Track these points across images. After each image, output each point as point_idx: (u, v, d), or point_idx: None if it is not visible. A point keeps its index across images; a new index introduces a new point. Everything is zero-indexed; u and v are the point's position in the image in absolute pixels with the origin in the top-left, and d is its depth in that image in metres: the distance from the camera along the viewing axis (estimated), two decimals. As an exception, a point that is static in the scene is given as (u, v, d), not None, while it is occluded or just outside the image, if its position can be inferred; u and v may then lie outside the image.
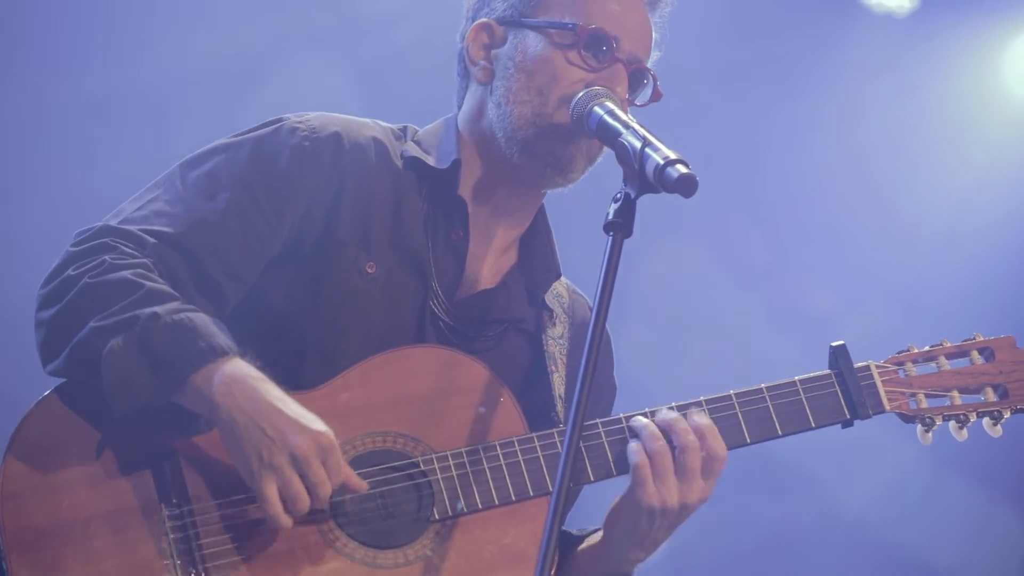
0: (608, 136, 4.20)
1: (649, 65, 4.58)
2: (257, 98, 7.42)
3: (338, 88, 7.53)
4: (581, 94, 4.35)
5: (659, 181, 3.90)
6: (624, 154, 4.05)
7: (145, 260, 4.22)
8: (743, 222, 8.08)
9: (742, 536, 7.70)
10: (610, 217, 3.93)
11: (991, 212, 8.18)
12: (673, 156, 3.91)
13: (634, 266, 7.56)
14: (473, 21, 4.61)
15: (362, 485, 4.14)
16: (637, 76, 4.53)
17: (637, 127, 4.10)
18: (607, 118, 4.24)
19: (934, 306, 7.72)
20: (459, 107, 4.67)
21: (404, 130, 4.66)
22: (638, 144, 4.01)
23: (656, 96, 4.56)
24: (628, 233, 3.92)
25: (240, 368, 4.12)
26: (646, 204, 3.96)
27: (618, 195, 3.95)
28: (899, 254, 8.10)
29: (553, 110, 4.44)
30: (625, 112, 4.26)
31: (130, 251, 4.23)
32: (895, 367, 4.46)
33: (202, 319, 4.13)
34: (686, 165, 3.88)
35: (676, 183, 3.87)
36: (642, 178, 3.95)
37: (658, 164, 3.91)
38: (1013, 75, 8.30)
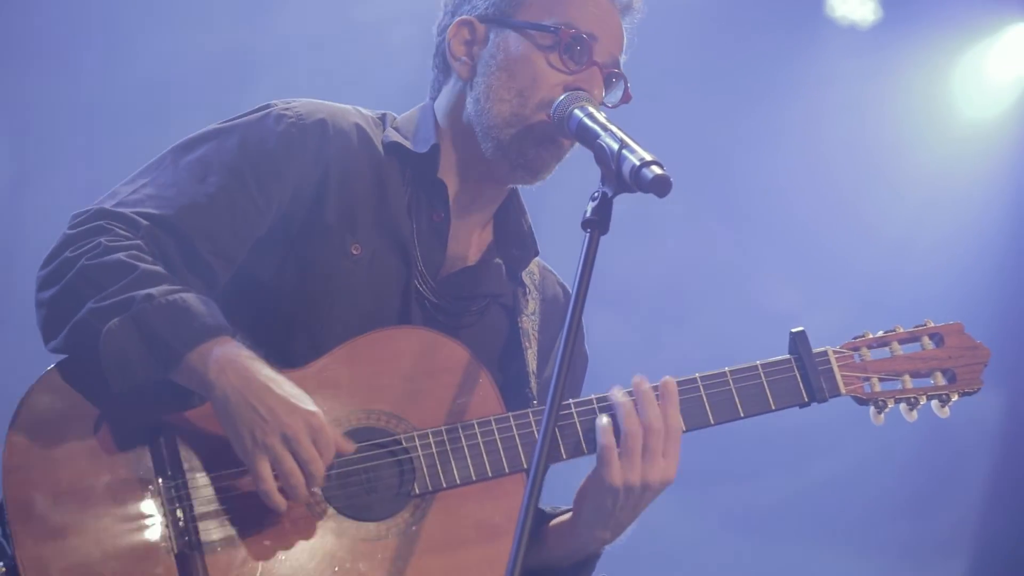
0: (587, 138, 4.16)
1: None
2: (252, 95, 7.36)
3: (330, 86, 7.45)
4: (563, 97, 4.32)
5: (635, 181, 3.88)
6: (602, 155, 4.02)
7: (138, 242, 4.19)
8: (712, 221, 8.06)
9: (708, 516, 7.68)
10: (588, 215, 3.90)
11: (943, 218, 8.19)
12: (648, 158, 3.89)
13: (611, 260, 7.55)
14: (454, 16, 4.57)
15: (350, 447, 4.12)
16: (611, 79, 4.49)
17: (615, 130, 4.08)
18: (587, 120, 4.20)
19: (889, 302, 7.74)
20: (432, 97, 4.64)
21: (383, 117, 4.63)
22: (616, 146, 3.98)
23: (626, 98, 4.52)
24: (604, 230, 3.89)
25: (233, 347, 4.10)
26: (623, 203, 3.94)
27: (595, 194, 3.93)
28: (857, 254, 8.10)
29: (531, 112, 4.42)
30: (603, 117, 4.21)
31: (124, 233, 4.20)
32: (851, 352, 4.44)
33: (195, 299, 4.10)
34: (660, 166, 3.87)
35: (651, 183, 3.85)
36: (619, 178, 3.93)
37: (634, 165, 3.89)
38: (961, 93, 8.30)
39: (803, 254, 8.11)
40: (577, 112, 4.25)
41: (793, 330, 4.43)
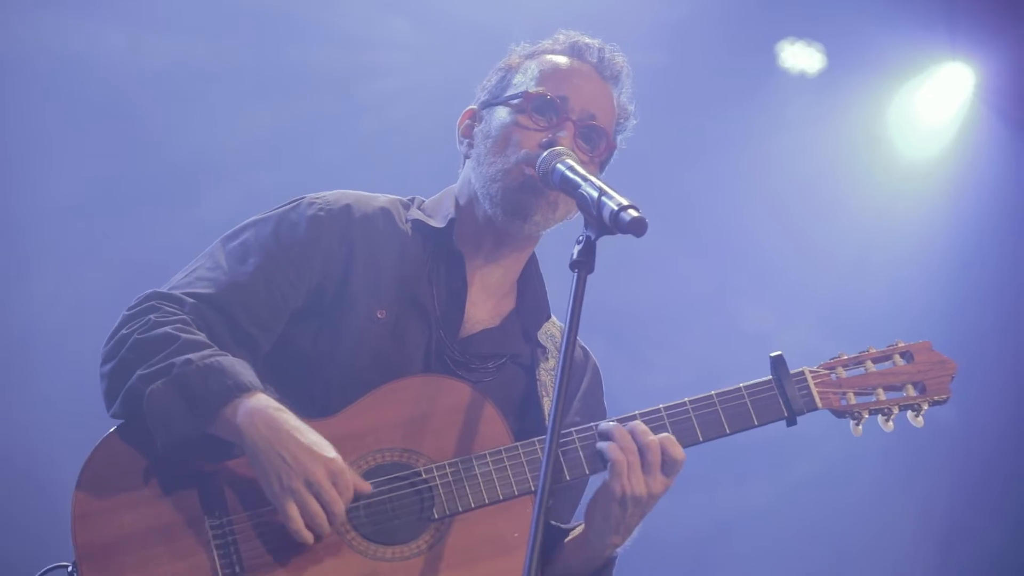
0: (569, 188, 4.16)
1: (625, 130, 4.64)
2: (269, 179, 7.30)
3: (341, 165, 7.39)
4: (545, 154, 4.32)
5: (615, 224, 3.87)
6: (584, 203, 4.02)
7: (184, 316, 4.29)
8: (687, 255, 8.02)
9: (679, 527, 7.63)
10: (575, 257, 3.89)
11: (890, 243, 8.16)
12: (625, 203, 3.88)
13: (602, 296, 7.50)
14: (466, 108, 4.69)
15: (367, 486, 4.16)
16: (590, 133, 4.51)
17: (594, 179, 4.07)
18: (568, 173, 4.19)
19: (850, 318, 7.68)
20: (458, 179, 4.68)
21: (412, 200, 4.68)
22: (595, 194, 3.97)
23: (609, 147, 4.55)
24: (590, 270, 3.89)
25: (262, 401, 4.15)
26: (606, 245, 3.94)
27: (580, 237, 3.92)
28: (818, 278, 8.05)
29: (513, 165, 4.45)
30: (584, 167, 4.22)
31: (171, 310, 4.30)
32: (827, 371, 4.41)
33: (230, 361, 4.19)
34: (637, 209, 3.86)
35: (629, 225, 3.84)
36: (600, 222, 3.91)
37: (613, 210, 3.88)
38: (897, 132, 8.25)
39: (770, 280, 8.05)
40: (559, 166, 4.24)
41: (772, 354, 4.41)
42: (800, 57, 8.16)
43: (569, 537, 4.43)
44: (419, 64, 7.63)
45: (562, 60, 4.60)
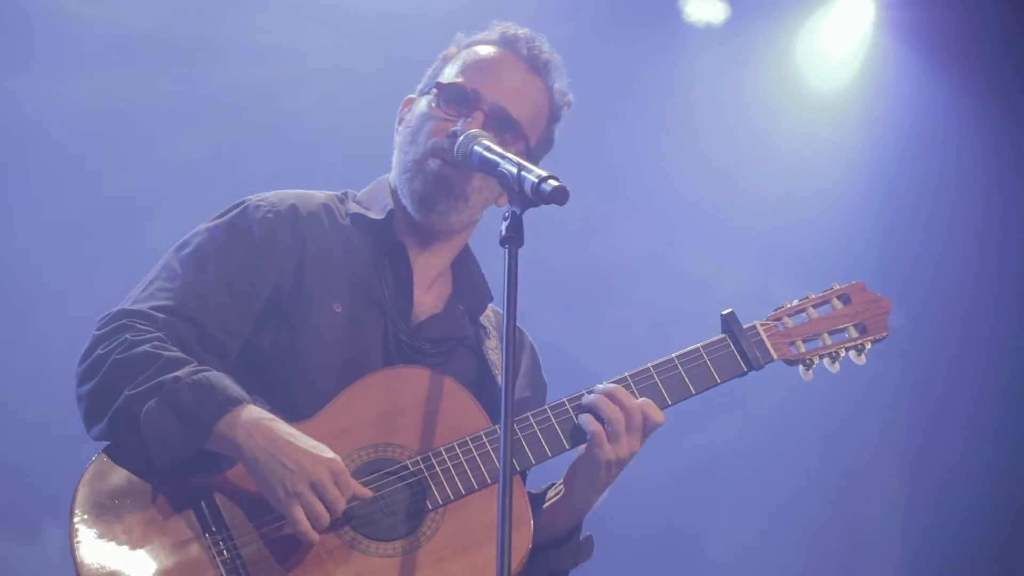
0: (489, 167, 4.08)
1: (559, 119, 4.59)
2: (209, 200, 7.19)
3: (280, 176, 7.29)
4: (462, 137, 4.23)
5: (537, 196, 3.81)
6: (505, 180, 3.96)
7: (159, 333, 4.19)
8: (623, 216, 7.97)
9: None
10: (503, 233, 3.82)
11: (813, 178, 8.12)
12: (544, 174, 3.82)
13: (545, 266, 7.50)
14: None
15: (367, 492, 4.10)
16: (500, 122, 4.44)
17: (512, 156, 4.01)
18: (485, 153, 4.11)
19: (783, 256, 7.58)
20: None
21: (345, 194, 4.60)
22: (515, 170, 3.91)
23: (521, 139, 4.47)
24: (520, 243, 3.81)
25: (254, 412, 4.09)
26: (546, 215, 3.94)
27: (506, 214, 3.84)
28: (751, 221, 7.98)
29: (421, 156, 4.42)
30: (501, 148, 4.15)
31: (145, 327, 4.19)
32: (775, 323, 4.37)
33: (216, 376, 4.12)
34: (556, 179, 3.79)
35: (551, 195, 3.77)
36: (523, 196, 3.85)
37: (534, 182, 3.81)
38: (806, 66, 8.19)
39: (705, 228, 7.98)
40: (476, 148, 4.15)
41: (723, 312, 4.37)
42: (704, 9, 8.09)
43: (547, 504, 4.39)
44: (342, 68, 7.52)
45: (488, 51, 4.53)
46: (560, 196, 3.77)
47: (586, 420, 4.23)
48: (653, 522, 7.78)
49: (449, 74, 4.49)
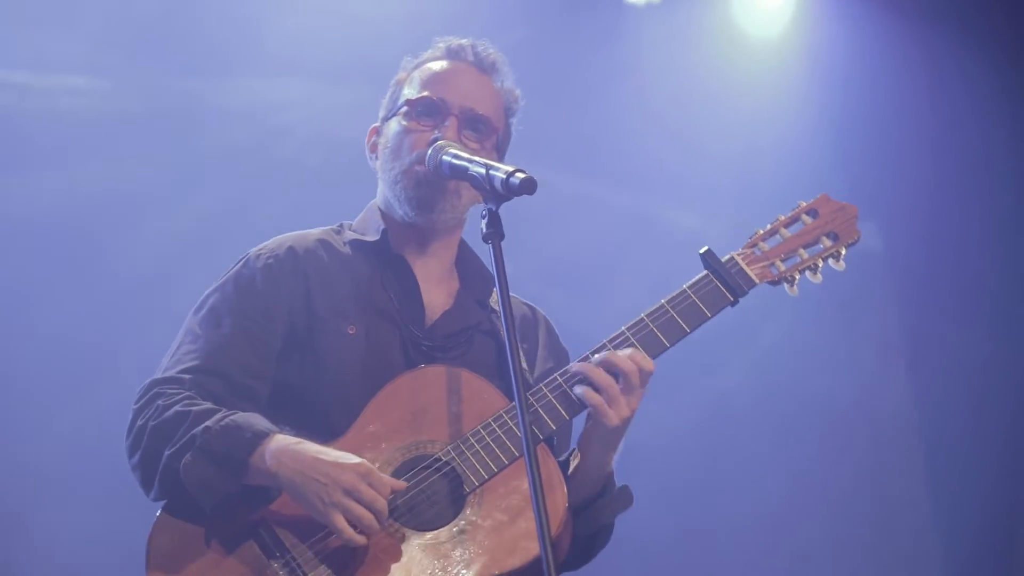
0: (459, 173, 4.18)
1: (516, 112, 4.66)
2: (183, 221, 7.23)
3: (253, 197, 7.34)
4: (429, 151, 4.34)
5: (508, 190, 3.90)
6: (476, 182, 4.04)
7: (187, 392, 4.25)
8: (603, 189, 8.01)
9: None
10: (484, 230, 3.91)
11: (772, 122, 8.16)
12: (511, 169, 3.91)
13: (541, 250, 7.55)
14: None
15: (401, 484, 4.13)
16: (472, 122, 4.52)
17: (478, 159, 4.10)
18: (454, 161, 4.22)
19: (760, 199, 7.54)
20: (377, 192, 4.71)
21: (340, 225, 4.67)
22: (483, 170, 4.00)
23: (493, 131, 4.56)
24: (502, 237, 3.90)
25: (281, 441, 4.13)
26: (529, 206, 4.01)
27: (483, 212, 3.93)
28: (721, 173, 8.04)
29: (408, 166, 4.47)
30: (467, 152, 4.26)
31: (174, 391, 4.26)
32: (751, 250, 4.39)
33: (242, 416, 4.17)
34: (523, 171, 3.89)
35: (521, 187, 3.87)
36: (495, 193, 3.93)
37: (502, 179, 3.90)
38: (744, 18, 8.23)
39: (681, 187, 8.03)
40: (444, 158, 4.25)
41: (701, 251, 4.39)
42: (639, -10, 8.13)
43: (570, 471, 4.40)
44: (316, 112, 7.58)
45: (440, 65, 4.60)
46: (529, 186, 3.86)
47: (583, 393, 4.25)
48: (680, 470, 7.87)
49: (411, 92, 4.55)
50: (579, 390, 4.26)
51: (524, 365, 4.54)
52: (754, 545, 7.91)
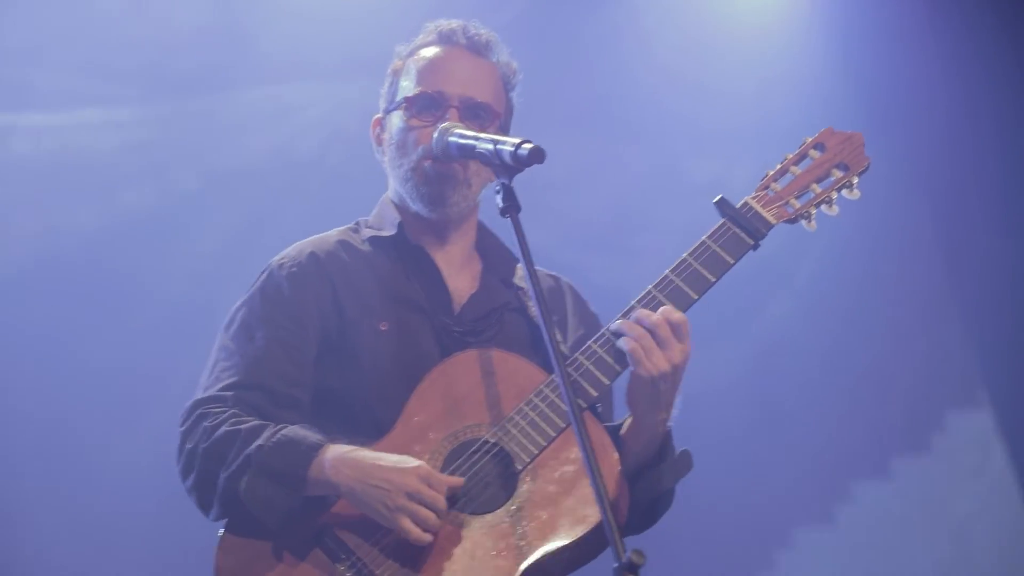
0: (468, 152, 4.20)
1: (515, 87, 4.67)
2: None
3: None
4: (436, 135, 4.35)
5: (517, 162, 3.91)
6: (486, 158, 4.07)
7: (232, 410, 4.27)
8: (620, 148, 8.00)
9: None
10: (500, 205, 3.93)
11: (775, 61, 8.13)
12: (518, 141, 3.92)
13: (567, 217, 7.59)
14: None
15: (458, 480, 4.15)
16: (473, 111, 4.53)
17: (484, 136, 4.14)
18: (460, 141, 4.25)
19: (778, 140, 7.43)
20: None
21: (358, 223, 4.68)
22: (491, 146, 4.02)
23: (495, 116, 4.57)
24: (518, 209, 3.91)
25: (336, 450, 4.16)
26: (553, 173, 4.12)
27: (497, 187, 3.95)
28: (736, 119, 8.00)
29: (416, 162, 4.49)
30: (472, 131, 4.29)
31: (218, 410, 4.28)
32: (763, 191, 4.38)
33: (292, 430, 4.19)
34: (529, 142, 3.90)
35: (529, 157, 3.89)
36: (506, 166, 3.95)
37: (511, 151, 3.92)
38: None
39: (700, 138, 7.99)
40: (451, 139, 4.29)
41: (715, 200, 4.37)
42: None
43: (624, 430, 4.39)
44: (332, 111, 7.59)
45: (434, 52, 4.60)
46: (538, 155, 3.89)
47: (623, 341, 4.23)
48: (740, 413, 7.88)
49: (408, 86, 4.55)
50: (615, 348, 4.25)
51: (558, 336, 4.53)
52: (812, 482, 7.89)
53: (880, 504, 7.91)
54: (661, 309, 4.24)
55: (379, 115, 4.67)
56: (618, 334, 4.24)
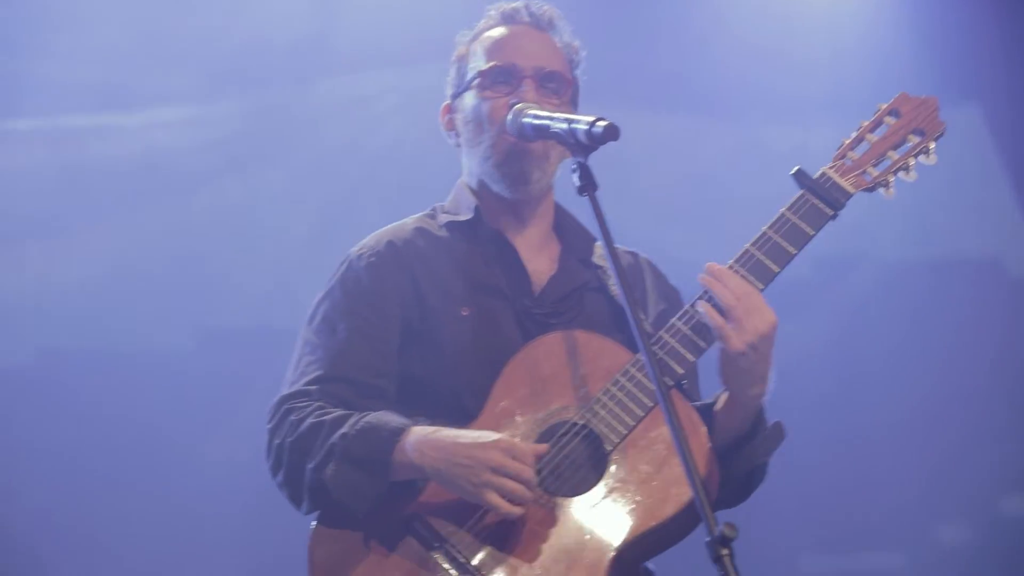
0: (543, 132, 4.21)
1: (579, 64, 4.63)
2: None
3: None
4: (509, 117, 4.36)
5: (592, 140, 3.92)
6: (560, 137, 4.08)
7: (316, 403, 4.28)
8: (696, 118, 8.00)
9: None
10: (577, 184, 3.93)
11: (854, 24, 8.06)
12: (592, 119, 3.93)
13: (651, 191, 7.54)
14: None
15: (542, 448, 4.14)
16: (547, 80, 4.51)
17: (558, 115, 4.13)
18: (535, 121, 4.25)
19: (857, 104, 7.36)
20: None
21: (434, 209, 4.68)
22: (565, 125, 4.03)
23: (569, 84, 4.56)
24: (596, 187, 3.91)
25: (418, 432, 4.15)
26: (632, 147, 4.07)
27: (573, 166, 3.94)
28: (813, 80, 7.95)
29: (496, 138, 4.46)
30: (548, 110, 4.29)
31: (303, 404, 4.29)
32: (841, 161, 4.34)
33: (375, 416, 4.19)
34: (603, 119, 3.91)
35: (604, 134, 3.89)
36: (580, 145, 3.95)
37: (585, 130, 3.93)
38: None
39: (775, 102, 7.97)
40: (525, 120, 4.29)
41: (792, 172, 4.33)
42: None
43: (718, 406, 4.36)
44: (406, 100, 7.62)
45: (499, 32, 4.59)
46: (612, 133, 3.89)
47: (707, 314, 4.19)
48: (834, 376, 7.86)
49: (479, 64, 4.54)
50: (699, 324, 4.22)
51: (641, 315, 4.48)
52: (905, 443, 7.86)
53: (974, 462, 7.86)
54: (741, 283, 4.21)
55: (447, 102, 4.66)
56: (701, 311, 4.21)
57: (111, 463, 7.12)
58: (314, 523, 4.25)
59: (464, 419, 4.24)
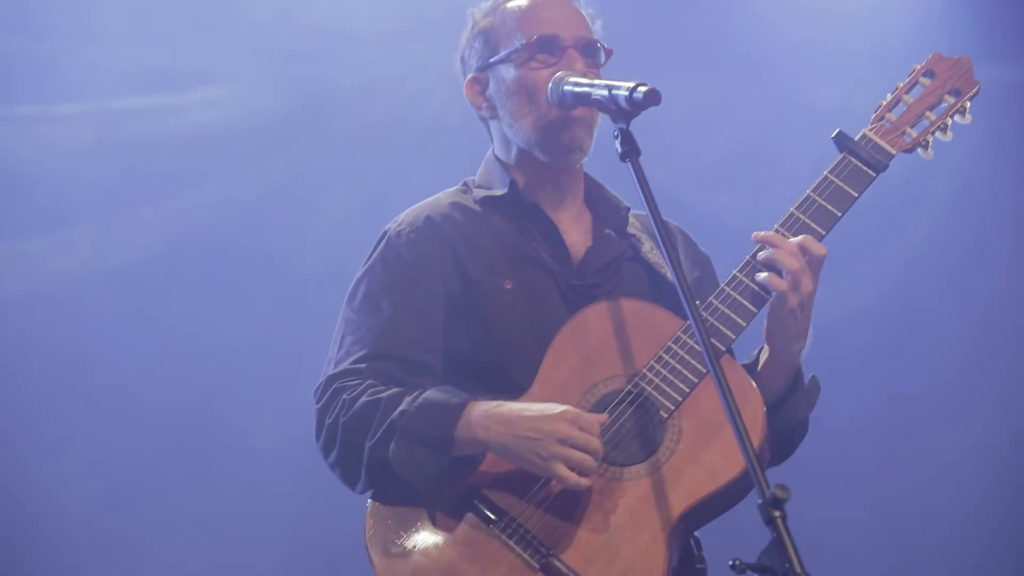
0: (584, 100, 4.25)
1: (598, 32, 4.61)
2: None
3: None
4: (550, 86, 4.38)
5: (633, 106, 3.94)
6: (601, 104, 4.11)
7: (367, 381, 4.28)
8: (737, 82, 7.97)
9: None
10: (620, 150, 3.94)
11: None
12: (632, 84, 3.95)
13: (696, 157, 7.58)
14: (464, 80, 4.66)
15: (604, 417, 4.14)
16: (589, 49, 4.52)
17: (598, 82, 4.17)
18: (576, 89, 4.28)
19: (895, 59, 7.32)
20: (492, 143, 4.71)
21: (466, 184, 4.69)
22: (605, 92, 4.05)
23: (608, 54, 4.55)
24: (639, 153, 3.92)
25: (480, 407, 4.16)
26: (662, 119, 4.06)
27: (615, 132, 3.96)
28: (855, 39, 7.94)
29: (545, 110, 4.45)
30: (588, 78, 4.33)
31: (354, 383, 4.29)
32: (880, 123, 4.36)
33: (433, 392, 4.19)
34: (644, 84, 3.94)
35: (645, 99, 3.92)
36: (622, 111, 3.97)
37: (626, 96, 3.95)
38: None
39: (816, 63, 7.94)
40: (566, 88, 4.32)
41: (832, 135, 4.34)
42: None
43: (760, 365, 4.39)
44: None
45: (527, 2, 4.60)
46: (654, 97, 3.91)
47: (768, 278, 4.21)
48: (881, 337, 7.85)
49: (516, 36, 4.51)
50: (749, 289, 4.24)
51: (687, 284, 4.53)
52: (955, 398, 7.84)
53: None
54: (803, 238, 4.24)
55: (471, 74, 4.63)
56: (762, 268, 4.23)
57: (161, 452, 7.17)
58: (370, 501, 4.25)
59: (514, 392, 4.25)
